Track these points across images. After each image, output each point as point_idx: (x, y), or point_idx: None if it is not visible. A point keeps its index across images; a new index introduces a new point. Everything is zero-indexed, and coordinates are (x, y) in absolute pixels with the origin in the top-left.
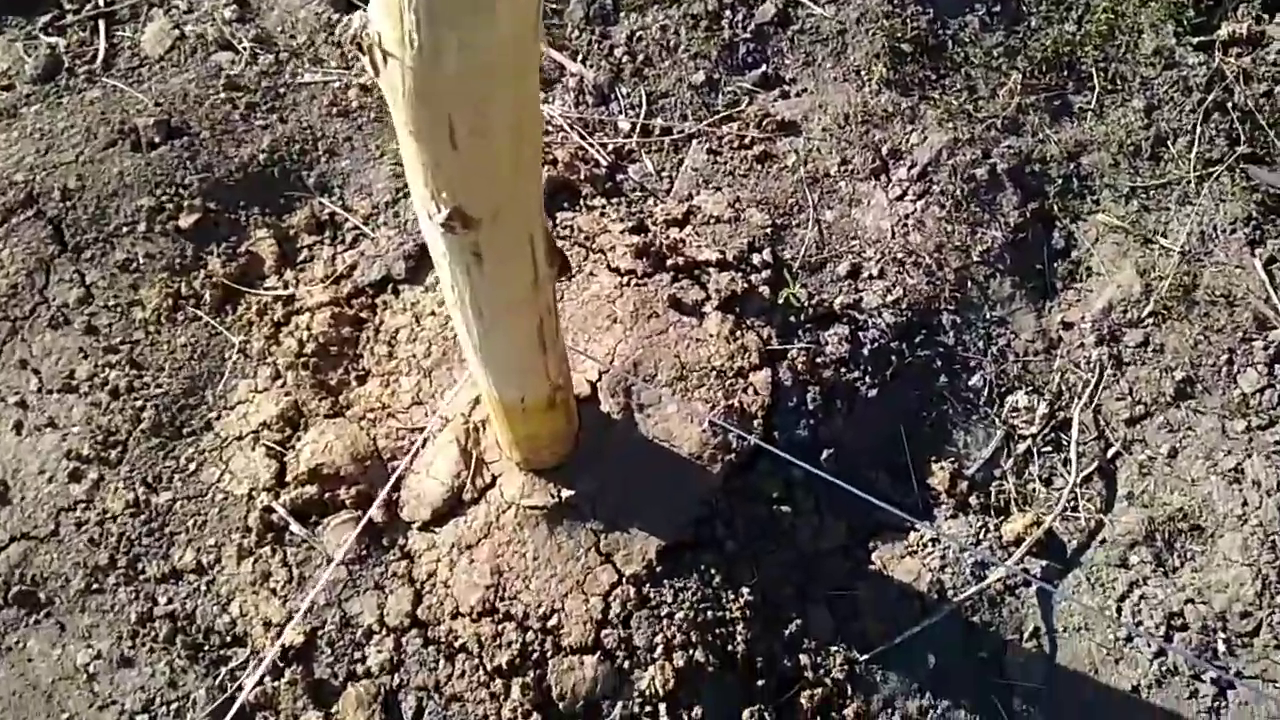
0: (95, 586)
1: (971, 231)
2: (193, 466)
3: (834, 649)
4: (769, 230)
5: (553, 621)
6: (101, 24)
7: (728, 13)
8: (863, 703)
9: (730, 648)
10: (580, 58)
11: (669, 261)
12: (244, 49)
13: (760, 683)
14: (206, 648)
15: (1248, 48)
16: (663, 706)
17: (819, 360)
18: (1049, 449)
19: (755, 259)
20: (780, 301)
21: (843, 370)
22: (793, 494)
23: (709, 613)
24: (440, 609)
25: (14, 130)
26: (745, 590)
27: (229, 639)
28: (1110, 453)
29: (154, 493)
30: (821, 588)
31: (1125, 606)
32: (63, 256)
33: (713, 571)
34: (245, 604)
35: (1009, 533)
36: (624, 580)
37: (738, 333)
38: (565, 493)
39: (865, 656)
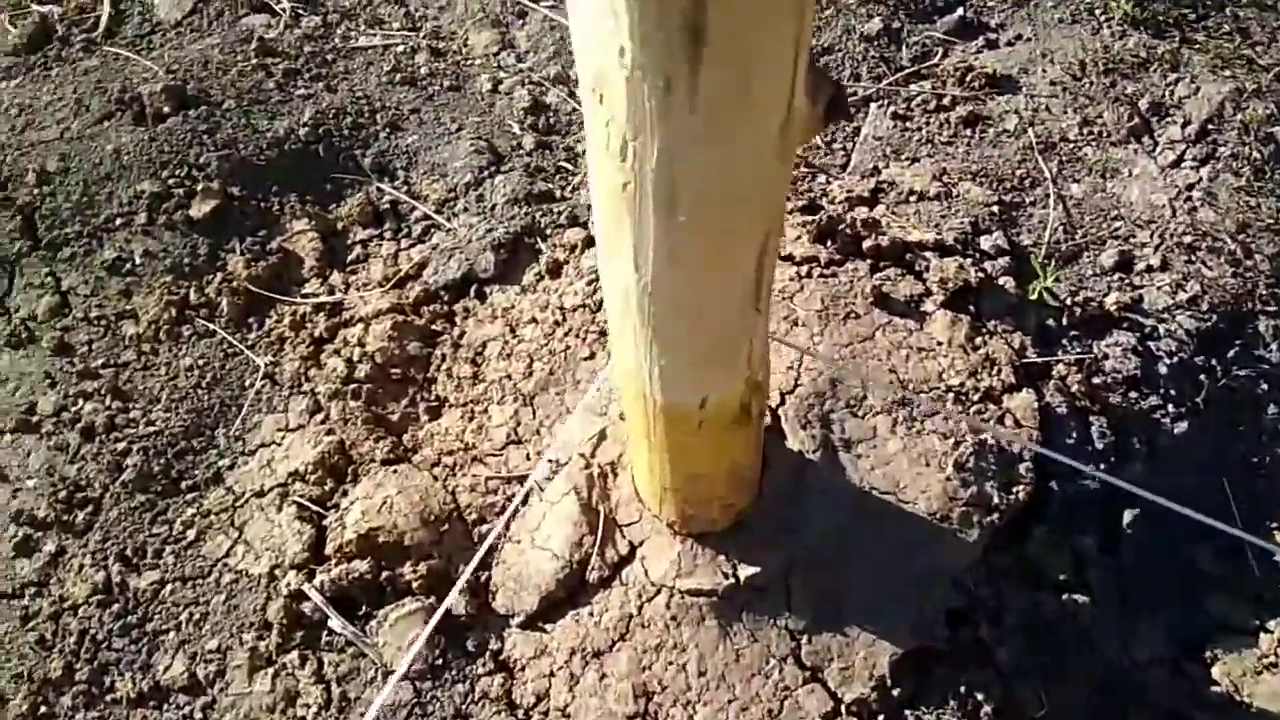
0: (44, 710)
1: None
2: (191, 534)
3: None
4: (995, 209)
5: None
6: None
7: None
8: None
9: None
10: None
11: (866, 244)
12: (283, 9)
13: None
14: None
15: None
16: None
17: (1097, 381)
18: None
19: (984, 244)
20: (1030, 297)
21: (1133, 395)
22: (1084, 574)
23: None
24: None
25: None
26: None
27: None
28: None
29: (134, 572)
30: None
31: None
32: (33, 255)
33: (979, 698)
34: None
35: None
36: (843, 712)
37: (977, 339)
38: (744, 570)
39: None
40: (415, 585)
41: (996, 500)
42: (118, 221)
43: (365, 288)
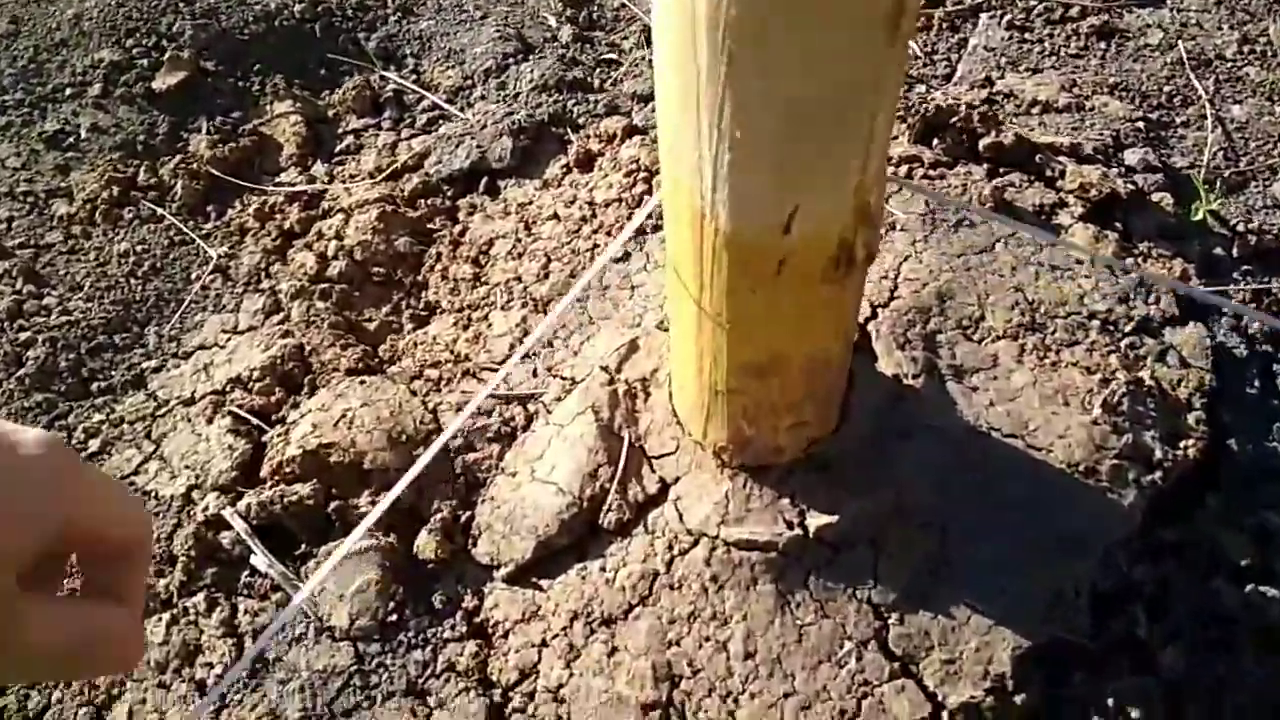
0: None
1: None
2: (94, 445)
3: None
4: (1140, 125)
5: None
6: None
7: None
8: None
9: None
10: None
11: (983, 143)
12: None
13: None
14: None
15: None
16: None
17: None
18: None
19: (1129, 158)
20: (1194, 218)
21: None
22: (1273, 562)
23: None
24: None
25: None
26: None
27: None
28: None
29: None
30: None
31: None
32: None
33: (1133, 715)
34: (143, 710)
35: None
36: None
37: (1128, 261)
38: (816, 519)
39: None
40: (371, 521)
41: (1159, 455)
42: (67, 92)
43: (354, 179)
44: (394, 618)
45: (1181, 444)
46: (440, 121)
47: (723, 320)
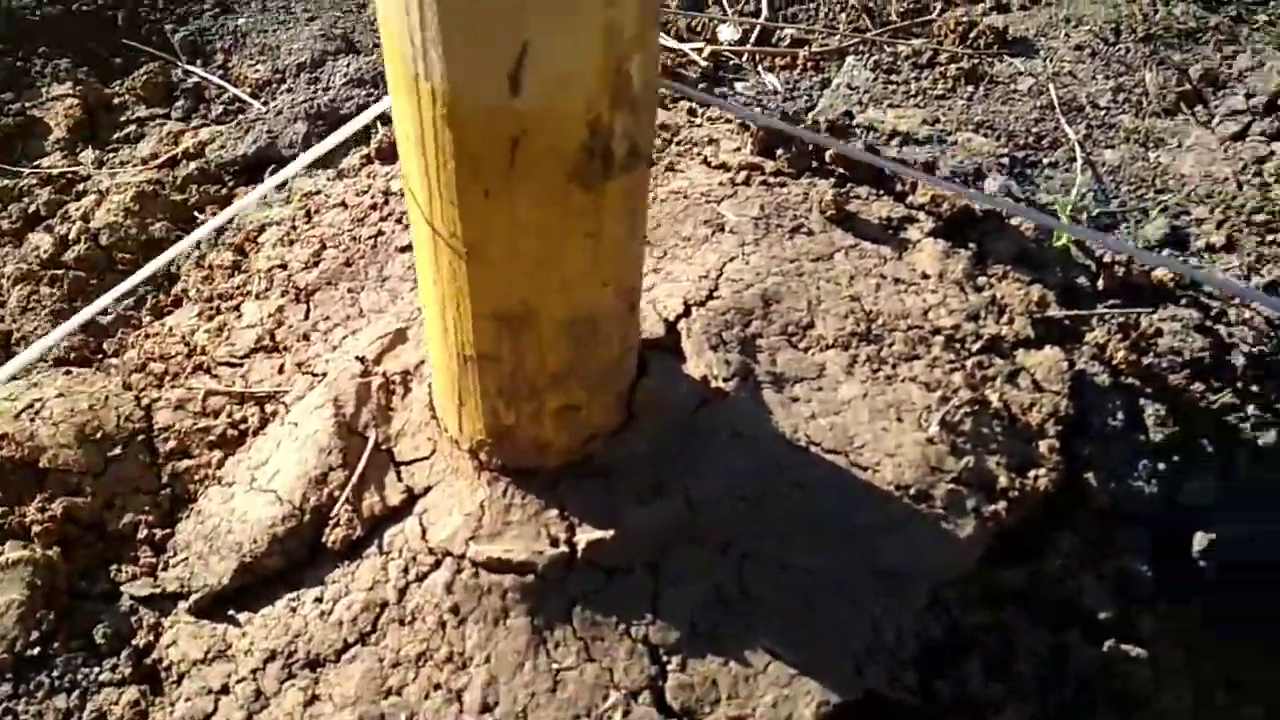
0: None
1: None
2: None
3: None
4: (1005, 161)
5: None
6: None
7: None
8: None
9: None
10: None
11: (827, 154)
12: None
13: None
14: None
15: None
16: None
17: (1151, 362)
18: None
19: (990, 185)
20: (1056, 243)
21: (1199, 387)
22: (1135, 618)
23: None
24: None
25: None
26: None
27: None
28: None
29: None
30: None
31: None
32: None
33: None
34: None
35: None
36: None
37: (980, 279)
38: (587, 534)
39: None
40: (38, 530)
41: (1004, 483)
42: None
43: (124, 165)
44: (35, 652)
45: (1031, 473)
46: (239, 114)
47: (458, 244)
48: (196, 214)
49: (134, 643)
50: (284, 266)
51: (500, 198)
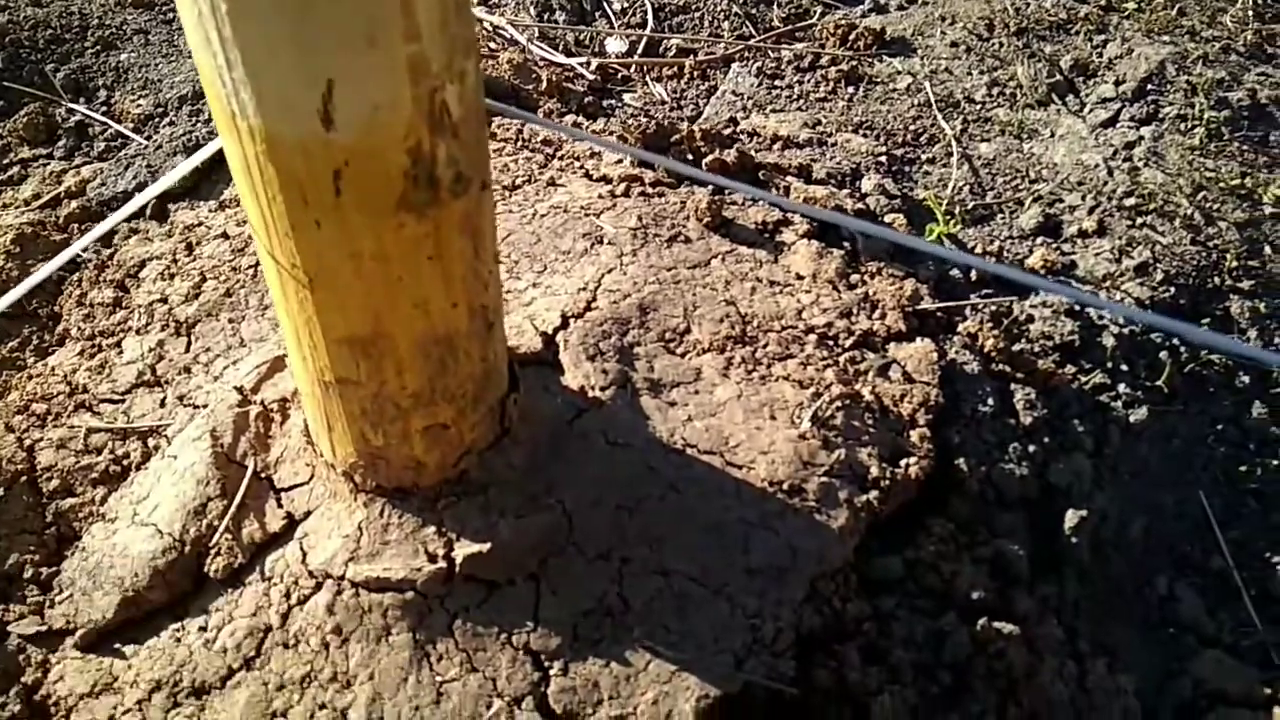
0: None
1: (1248, 171)
2: None
3: None
4: (883, 160)
5: None
6: None
7: None
8: None
9: None
10: None
11: (707, 159)
12: None
13: None
14: None
15: None
16: None
17: (1022, 348)
18: None
19: (865, 185)
20: (929, 239)
21: (1070, 369)
22: (1011, 597)
23: None
24: None
25: None
26: None
27: None
28: None
29: None
30: None
31: None
32: None
33: None
34: None
35: None
36: None
37: (853, 277)
38: (465, 548)
39: None
40: None
41: (876, 473)
42: None
43: (6, 208)
44: None
45: (902, 462)
46: (120, 149)
47: (300, 274)
48: (79, 253)
49: (23, 679)
50: (164, 300)
51: (332, 227)
